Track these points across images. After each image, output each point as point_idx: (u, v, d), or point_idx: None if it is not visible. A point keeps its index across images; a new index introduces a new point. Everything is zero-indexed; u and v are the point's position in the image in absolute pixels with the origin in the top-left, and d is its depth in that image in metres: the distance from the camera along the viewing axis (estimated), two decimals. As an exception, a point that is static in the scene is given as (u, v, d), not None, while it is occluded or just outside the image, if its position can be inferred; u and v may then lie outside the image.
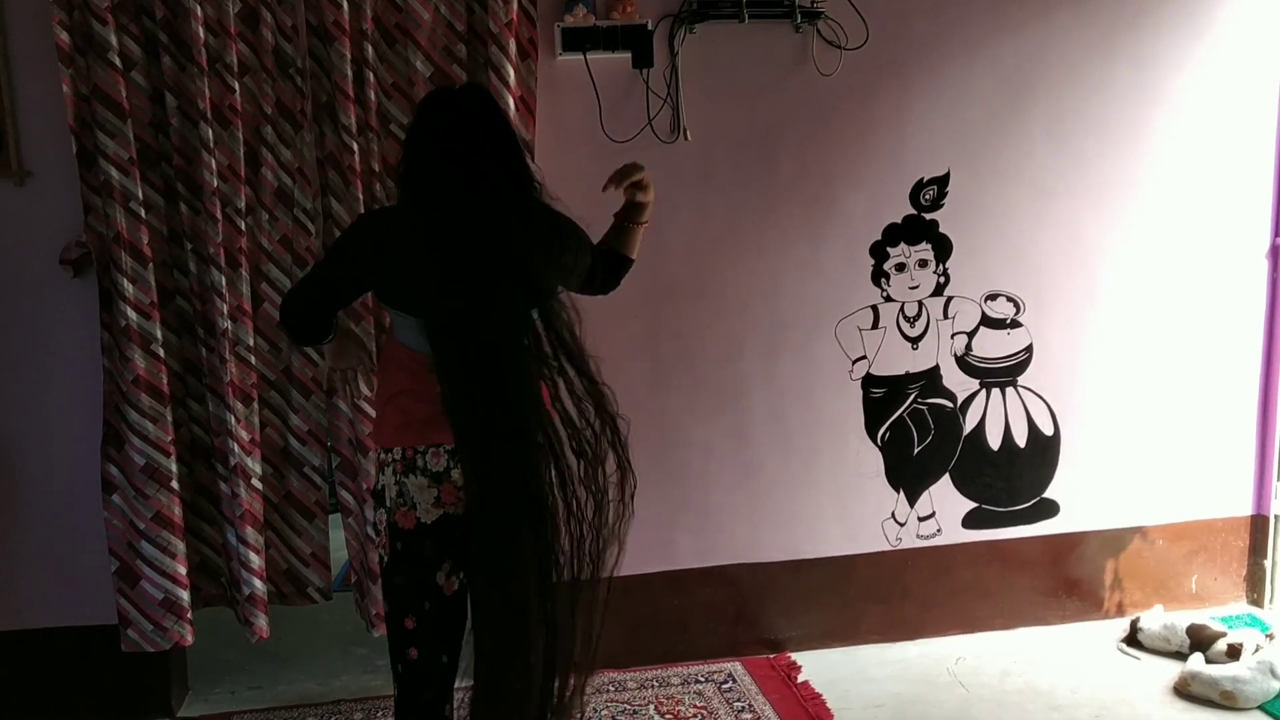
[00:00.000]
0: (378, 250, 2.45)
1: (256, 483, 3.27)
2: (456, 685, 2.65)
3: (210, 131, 3.10)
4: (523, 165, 2.48)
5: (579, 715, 2.63)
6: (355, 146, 3.18)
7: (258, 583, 3.27)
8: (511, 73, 3.20)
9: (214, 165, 3.11)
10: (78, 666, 3.34)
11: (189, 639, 3.26)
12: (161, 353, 3.16)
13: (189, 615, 3.25)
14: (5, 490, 3.27)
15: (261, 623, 3.29)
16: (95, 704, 3.36)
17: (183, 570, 3.23)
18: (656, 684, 3.50)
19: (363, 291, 2.63)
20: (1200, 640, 3.51)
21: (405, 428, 2.49)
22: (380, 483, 2.57)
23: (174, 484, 3.19)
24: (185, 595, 3.23)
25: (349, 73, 3.14)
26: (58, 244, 3.17)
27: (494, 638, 2.48)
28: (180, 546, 3.22)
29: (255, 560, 3.26)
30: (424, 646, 2.58)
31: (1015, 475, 3.77)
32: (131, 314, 3.11)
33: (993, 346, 3.71)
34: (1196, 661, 3.38)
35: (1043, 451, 3.78)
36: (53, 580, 3.31)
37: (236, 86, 3.13)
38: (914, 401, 3.69)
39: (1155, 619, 3.65)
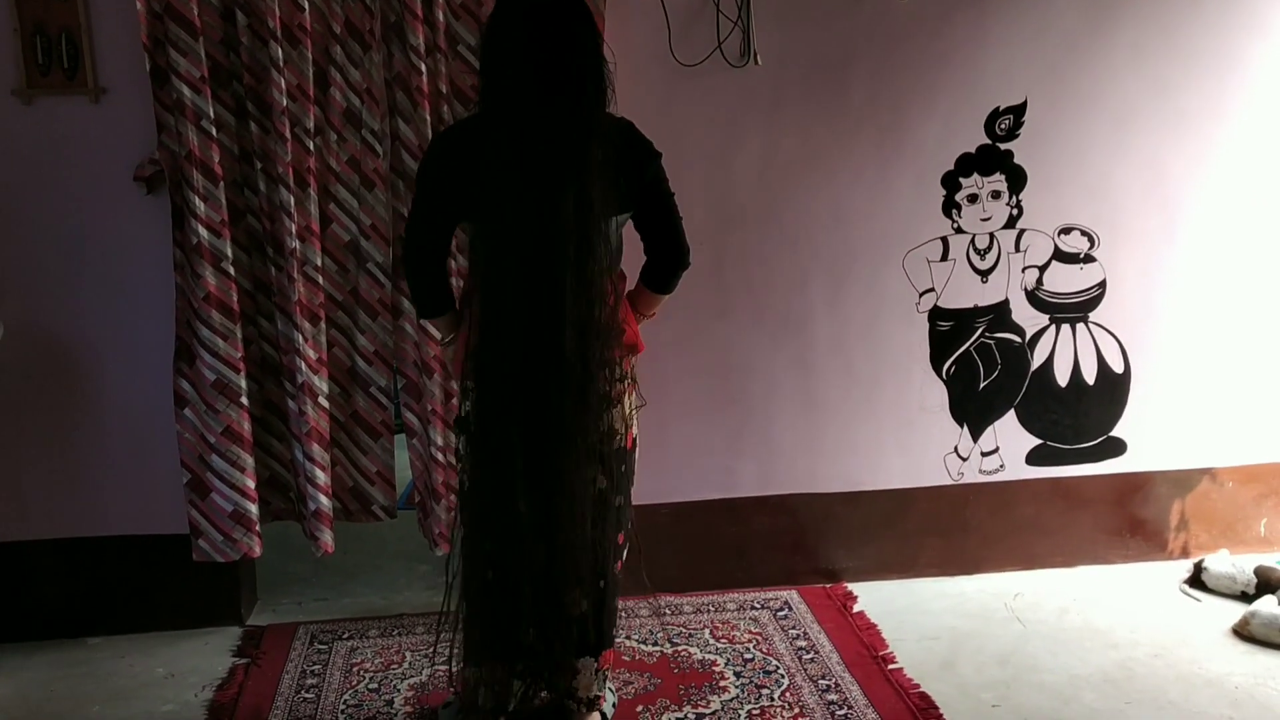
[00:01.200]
0: (453, 157, 2.48)
1: (324, 401, 3.33)
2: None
3: (280, 50, 3.11)
4: (598, 68, 2.42)
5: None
6: (423, 68, 3.17)
7: (323, 499, 3.34)
8: (580, -7, 3.16)
9: (283, 84, 3.13)
10: (151, 574, 3.46)
11: (257, 551, 3.35)
12: (232, 270, 3.21)
13: (257, 528, 3.33)
14: (83, 401, 3.36)
15: (327, 538, 3.36)
16: (168, 610, 3.47)
17: (251, 484, 3.31)
18: (713, 609, 3.54)
19: (458, 204, 2.56)
20: (1268, 582, 3.46)
21: None
22: (464, 409, 2.61)
23: (243, 400, 3.26)
24: (254, 508, 3.32)
25: (418, -8, 3.13)
26: (132, 161, 3.22)
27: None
28: (249, 461, 3.29)
29: (321, 477, 3.33)
30: (500, 569, 2.63)
31: (1082, 412, 3.71)
32: (203, 231, 3.15)
33: (1065, 281, 3.64)
34: (1265, 603, 3.33)
35: (1112, 389, 3.71)
36: (128, 490, 3.41)
37: (306, 5, 3.12)
38: (981, 335, 3.64)
39: (1221, 561, 3.60)
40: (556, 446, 2.46)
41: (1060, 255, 3.62)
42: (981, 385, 3.67)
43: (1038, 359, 3.68)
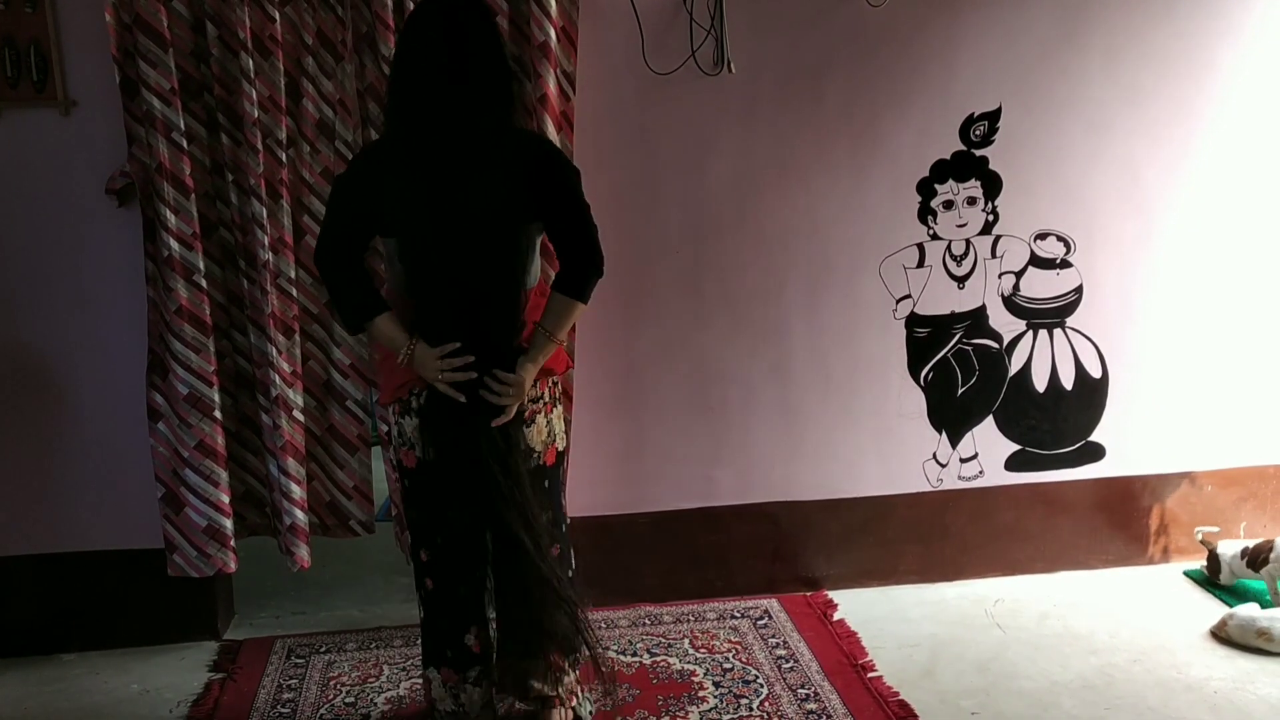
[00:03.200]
0: (367, 176, 2.54)
1: (298, 415, 3.30)
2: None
3: (251, 62, 3.09)
4: (502, 81, 2.50)
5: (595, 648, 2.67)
6: (395, 78, 3.16)
7: (299, 513, 3.32)
8: (553, 3, 3.16)
9: (254, 96, 3.11)
10: (127, 589, 3.43)
11: (232, 566, 3.33)
12: (204, 283, 3.19)
13: (232, 543, 3.31)
14: (56, 415, 3.33)
15: (302, 553, 3.34)
16: (143, 625, 3.45)
17: (226, 499, 3.28)
18: (692, 619, 3.52)
19: (370, 219, 2.57)
20: (1257, 556, 3.47)
21: (402, 371, 2.57)
22: (387, 424, 2.65)
23: (217, 414, 3.23)
24: (228, 523, 3.29)
25: (389, 2, 3.12)
26: (103, 173, 3.20)
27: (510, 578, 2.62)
28: (223, 475, 3.27)
29: (296, 491, 3.31)
30: (438, 578, 2.68)
31: (1061, 418, 3.71)
32: (174, 244, 3.13)
33: (1041, 287, 3.64)
34: (1244, 607, 3.31)
35: (1090, 394, 3.71)
36: (102, 504, 3.39)
37: (277, 16, 3.11)
38: (959, 342, 3.64)
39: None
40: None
41: (1036, 261, 3.62)
42: (959, 391, 3.66)
43: (1015, 364, 3.68)
